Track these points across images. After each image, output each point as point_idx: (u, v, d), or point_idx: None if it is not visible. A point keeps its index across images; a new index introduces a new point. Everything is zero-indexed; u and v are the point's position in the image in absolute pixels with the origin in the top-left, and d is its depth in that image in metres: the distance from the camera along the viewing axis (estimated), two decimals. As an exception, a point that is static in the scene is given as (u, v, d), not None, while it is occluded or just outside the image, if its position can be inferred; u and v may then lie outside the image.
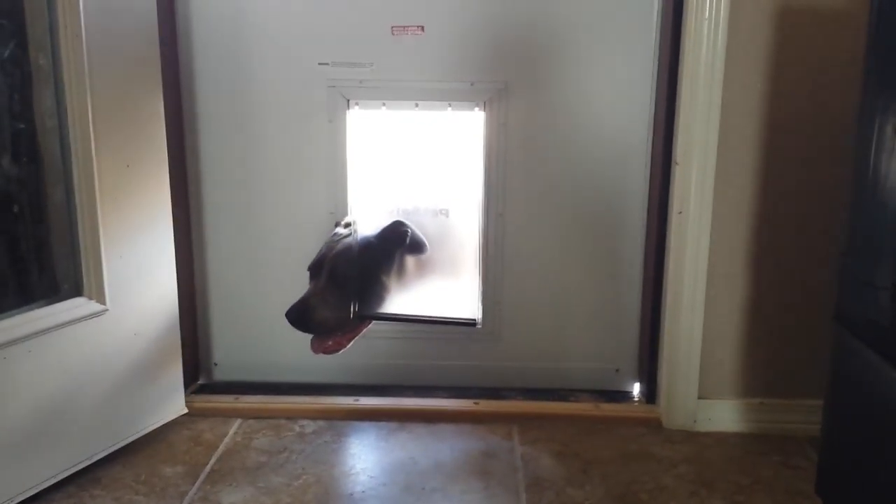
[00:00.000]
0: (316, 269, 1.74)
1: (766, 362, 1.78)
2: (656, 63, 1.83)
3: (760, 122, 1.68)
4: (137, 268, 1.64)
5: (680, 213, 1.73)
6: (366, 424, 1.83)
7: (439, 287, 1.87)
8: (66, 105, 1.51)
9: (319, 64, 1.87)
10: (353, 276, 1.72)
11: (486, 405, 1.89)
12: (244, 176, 1.93)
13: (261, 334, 2.01)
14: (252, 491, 1.54)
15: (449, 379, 2.00)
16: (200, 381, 2.04)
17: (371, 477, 1.60)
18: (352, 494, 1.53)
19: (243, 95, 1.89)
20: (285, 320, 1.70)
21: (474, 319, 1.84)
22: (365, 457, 1.69)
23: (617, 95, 1.86)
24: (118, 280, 1.59)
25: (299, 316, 1.67)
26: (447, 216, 1.93)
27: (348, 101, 1.88)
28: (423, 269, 1.84)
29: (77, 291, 1.57)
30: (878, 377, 1.18)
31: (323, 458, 1.67)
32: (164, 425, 1.75)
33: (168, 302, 1.74)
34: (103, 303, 1.57)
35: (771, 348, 1.78)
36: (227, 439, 1.75)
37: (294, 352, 2.01)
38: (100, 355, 1.58)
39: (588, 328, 1.98)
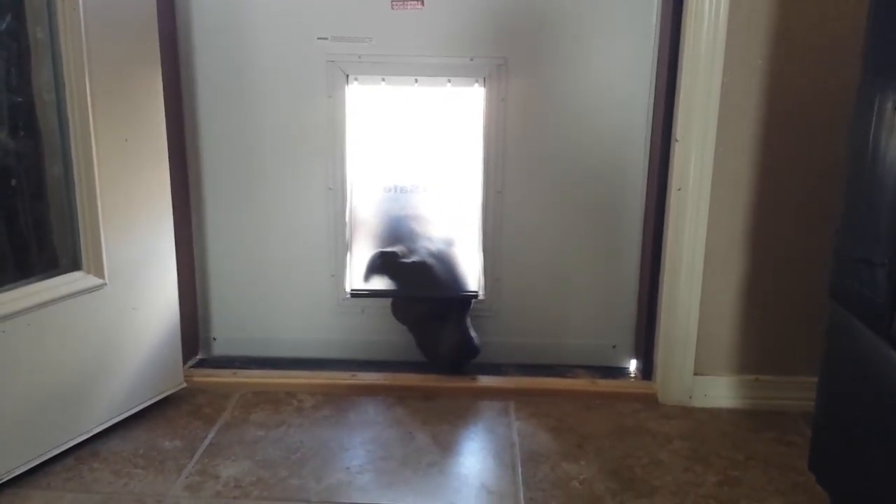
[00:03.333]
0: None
1: (762, 339, 1.79)
2: (657, 39, 1.81)
3: (760, 100, 1.67)
4: (136, 242, 1.64)
5: (679, 189, 1.72)
6: (364, 399, 1.84)
7: (441, 262, 1.89)
8: (64, 79, 1.50)
9: (318, 38, 1.86)
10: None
11: (483, 380, 1.90)
12: (243, 151, 1.93)
13: (260, 309, 2.02)
14: (250, 464, 1.55)
15: (447, 354, 2.01)
16: (199, 356, 2.05)
17: (368, 451, 1.61)
18: (349, 468, 1.54)
19: (242, 70, 1.88)
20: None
21: (476, 292, 1.85)
22: (363, 431, 1.70)
23: (617, 72, 1.85)
24: (117, 254, 1.59)
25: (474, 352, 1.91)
26: (446, 192, 1.94)
27: (347, 76, 1.87)
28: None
29: (75, 266, 1.57)
30: (871, 354, 1.18)
31: (321, 433, 1.68)
32: (162, 399, 1.76)
33: (167, 276, 1.74)
34: (102, 277, 1.57)
35: (767, 325, 1.78)
36: (225, 413, 1.76)
37: (292, 327, 2.03)
38: (98, 329, 1.59)
39: (586, 304, 1.99)
